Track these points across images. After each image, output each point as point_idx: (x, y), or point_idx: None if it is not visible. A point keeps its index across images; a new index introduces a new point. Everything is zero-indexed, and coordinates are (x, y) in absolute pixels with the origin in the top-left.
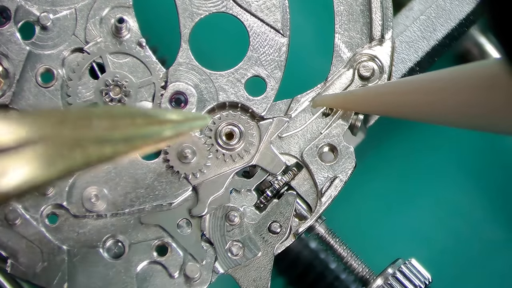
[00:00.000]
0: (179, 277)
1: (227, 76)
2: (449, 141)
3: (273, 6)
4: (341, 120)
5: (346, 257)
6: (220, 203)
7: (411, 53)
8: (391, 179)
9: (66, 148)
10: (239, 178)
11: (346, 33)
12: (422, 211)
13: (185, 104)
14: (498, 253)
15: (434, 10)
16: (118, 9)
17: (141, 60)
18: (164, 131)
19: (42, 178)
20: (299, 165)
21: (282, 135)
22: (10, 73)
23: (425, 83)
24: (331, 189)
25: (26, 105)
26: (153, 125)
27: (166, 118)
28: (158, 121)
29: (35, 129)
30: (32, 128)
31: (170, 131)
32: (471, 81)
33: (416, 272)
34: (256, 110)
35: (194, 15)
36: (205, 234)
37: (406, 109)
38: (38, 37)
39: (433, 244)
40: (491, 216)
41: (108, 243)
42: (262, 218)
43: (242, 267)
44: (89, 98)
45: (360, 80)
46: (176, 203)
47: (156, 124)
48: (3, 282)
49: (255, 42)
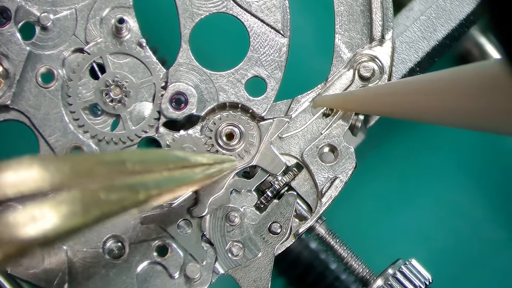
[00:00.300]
0: (179, 278)
1: (227, 77)
2: (449, 141)
3: (274, 6)
4: (342, 120)
5: (346, 257)
6: (220, 203)
7: (411, 54)
8: (391, 179)
9: (100, 194)
10: (239, 178)
11: (347, 34)
12: (422, 211)
13: (185, 104)
14: (498, 253)
15: (434, 10)
16: (118, 9)
17: (141, 60)
18: (195, 175)
19: (76, 225)
20: (300, 165)
21: (282, 136)
22: (11, 74)
23: (426, 83)
24: (332, 190)
25: (27, 106)
26: (184, 169)
27: (197, 162)
28: (189, 165)
29: (69, 174)
30: (65, 173)
31: (200, 174)
32: (472, 82)
33: (416, 273)
34: (256, 110)
35: (195, 16)
36: (205, 235)
37: (406, 109)
38: (38, 37)
39: (433, 244)
40: (491, 216)
41: (108, 244)
42: (263, 219)
43: (243, 268)
44: (89, 99)
45: (360, 80)
46: (176, 203)
47: (187, 168)
48: (3, 282)
49: (256, 43)
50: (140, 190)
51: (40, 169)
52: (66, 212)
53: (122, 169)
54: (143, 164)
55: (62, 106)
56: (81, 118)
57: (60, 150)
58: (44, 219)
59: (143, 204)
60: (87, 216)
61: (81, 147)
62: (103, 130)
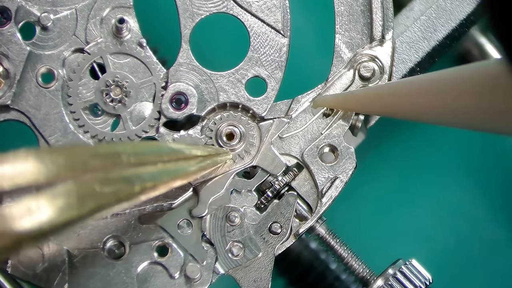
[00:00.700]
0: (179, 278)
1: (227, 77)
2: (449, 141)
3: (274, 6)
4: (342, 120)
5: (346, 257)
6: (220, 203)
7: (411, 54)
8: (391, 180)
9: (96, 186)
10: (239, 178)
11: (347, 34)
12: (422, 211)
13: (185, 104)
14: (498, 253)
15: (435, 10)
16: (119, 9)
17: (141, 60)
18: (190, 167)
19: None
20: (300, 165)
21: (282, 136)
22: (11, 74)
23: (426, 83)
24: (332, 190)
25: (27, 106)
26: (178, 161)
27: (191, 154)
28: (183, 157)
29: (64, 167)
30: (60, 165)
31: (194, 167)
32: (472, 82)
33: (416, 273)
34: (256, 110)
35: (195, 16)
36: (205, 235)
37: (406, 109)
38: (39, 37)
39: (433, 244)
40: (491, 216)
41: (109, 244)
42: (263, 219)
43: (243, 268)
44: (90, 99)
45: (360, 80)
46: (176, 203)
47: (181, 160)
48: (3, 282)
49: (256, 43)
50: (135, 182)
51: (35, 161)
52: (62, 204)
53: (117, 161)
54: (138, 157)
55: (63, 106)
56: (82, 118)
57: None
58: (39, 211)
59: (139, 196)
60: (82, 208)
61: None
62: (104, 130)
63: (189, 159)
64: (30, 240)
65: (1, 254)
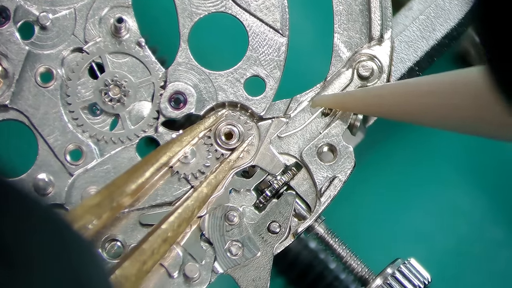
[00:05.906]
0: (178, 277)
1: (226, 76)
2: (449, 141)
3: (272, 5)
4: (340, 120)
5: (345, 257)
6: (219, 203)
7: (410, 53)
8: (390, 179)
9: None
10: (238, 178)
11: (345, 33)
12: (422, 211)
13: (184, 104)
14: (498, 253)
15: (434, 9)
16: (117, 9)
17: (140, 60)
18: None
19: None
20: (299, 165)
21: (281, 135)
22: (10, 73)
23: (421, 87)
24: (330, 189)
25: (26, 105)
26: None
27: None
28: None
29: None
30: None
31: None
32: (461, 87)
33: (415, 272)
34: (255, 110)
35: (193, 15)
36: (204, 234)
37: (404, 112)
38: (38, 37)
39: (433, 244)
40: (491, 216)
41: (108, 244)
42: (262, 218)
43: (242, 267)
44: (89, 98)
45: (359, 79)
46: (176, 203)
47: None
48: None
49: (254, 42)
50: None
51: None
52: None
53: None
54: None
55: (61, 105)
56: (80, 117)
57: (59, 149)
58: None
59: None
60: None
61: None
62: (102, 129)
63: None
64: None
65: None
